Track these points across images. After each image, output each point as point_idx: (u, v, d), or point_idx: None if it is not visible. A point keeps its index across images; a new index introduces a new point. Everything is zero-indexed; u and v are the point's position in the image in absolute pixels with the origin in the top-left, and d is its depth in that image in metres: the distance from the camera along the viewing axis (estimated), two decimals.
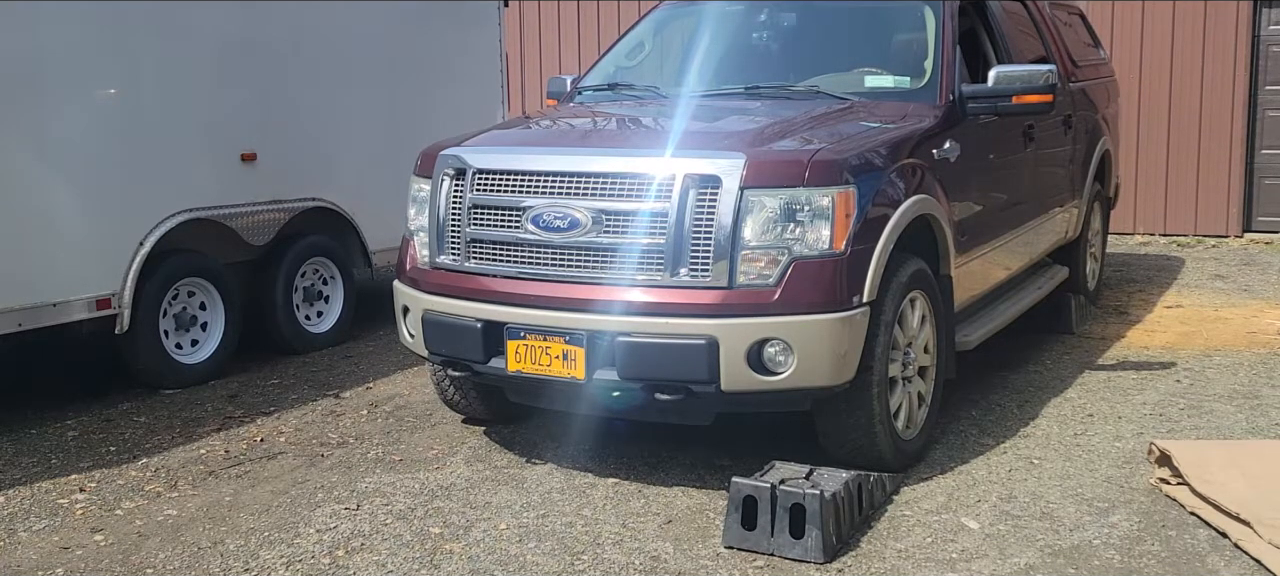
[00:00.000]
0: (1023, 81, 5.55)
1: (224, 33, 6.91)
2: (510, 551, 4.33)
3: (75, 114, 6.11)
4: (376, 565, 4.25)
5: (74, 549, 4.48)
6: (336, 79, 7.74)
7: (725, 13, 6.59)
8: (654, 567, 4.18)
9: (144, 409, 6.33)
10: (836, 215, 4.52)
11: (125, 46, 6.36)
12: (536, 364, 4.75)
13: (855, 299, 4.56)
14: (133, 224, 6.39)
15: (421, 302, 5.14)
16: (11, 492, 5.09)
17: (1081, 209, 7.77)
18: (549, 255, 4.80)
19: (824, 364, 4.50)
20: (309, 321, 7.74)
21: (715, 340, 4.46)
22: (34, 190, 5.89)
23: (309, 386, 6.79)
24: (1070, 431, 5.56)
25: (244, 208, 7.07)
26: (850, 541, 4.33)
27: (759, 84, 5.92)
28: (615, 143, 5.44)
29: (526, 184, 4.88)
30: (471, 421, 5.89)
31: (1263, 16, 11.33)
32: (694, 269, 4.54)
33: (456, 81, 8.76)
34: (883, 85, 5.78)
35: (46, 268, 5.95)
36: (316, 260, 7.76)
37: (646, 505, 4.76)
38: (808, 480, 4.35)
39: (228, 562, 4.31)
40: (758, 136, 4.90)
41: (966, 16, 6.33)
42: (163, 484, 5.17)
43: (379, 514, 4.73)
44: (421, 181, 5.29)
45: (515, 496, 4.88)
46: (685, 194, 4.55)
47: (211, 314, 6.98)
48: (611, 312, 4.62)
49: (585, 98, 6.31)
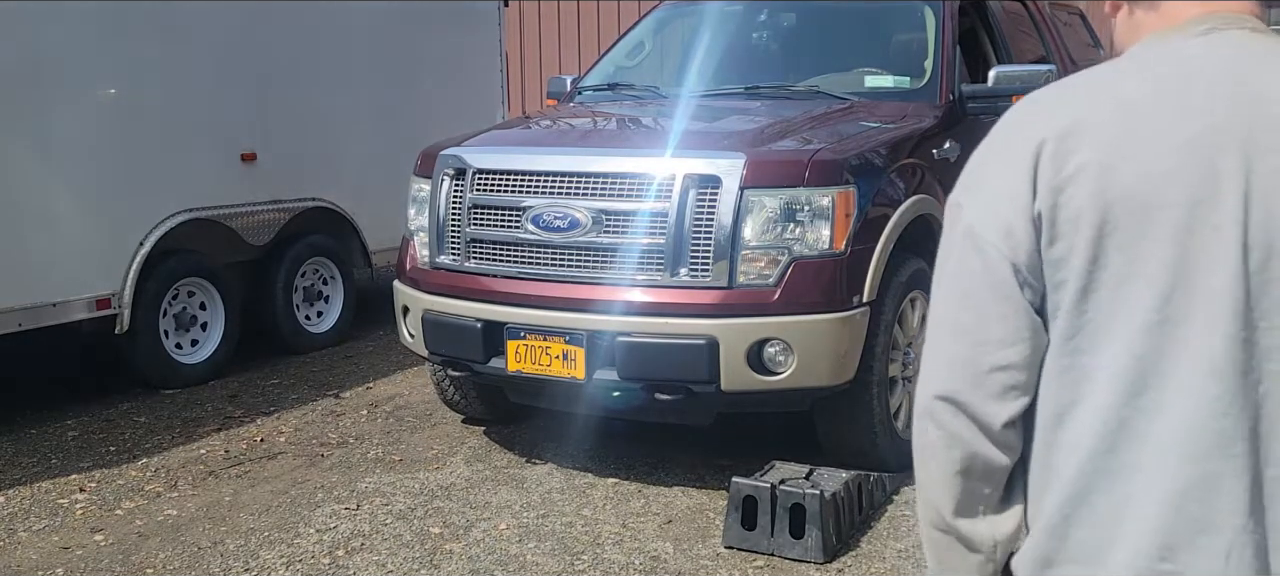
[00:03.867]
0: (1023, 81, 5.55)
1: (224, 33, 6.91)
2: (510, 551, 4.33)
3: (75, 114, 6.10)
4: (376, 565, 4.25)
5: (74, 549, 4.48)
6: (336, 79, 7.74)
7: (725, 13, 6.59)
8: (654, 567, 4.18)
9: (144, 409, 6.33)
10: (836, 215, 4.51)
11: (125, 46, 6.36)
12: (536, 364, 4.75)
13: (855, 299, 4.56)
14: (133, 224, 6.39)
15: (421, 302, 5.14)
16: (11, 492, 5.09)
17: None
18: (549, 255, 4.80)
19: (824, 364, 4.50)
20: (309, 321, 7.74)
21: (715, 340, 4.46)
22: (34, 190, 5.89)
23: (309, 386, 6.79)
24: None
25: (244, 208, 7.07)
26: (850, 541, 4.34)
27: (759, 84, 5.92)
28: (615, 143, 5.44)
29: (526, 184, 4.88)
30: (471, 421, 5.89)
31: None
32: (694, 269, 4.54)
33: (456, 81, 8.76)
34: (883, 85, 5.78)
35: (46, 268, 5.94)
36: (316, 260, 7.76)
37: (646, 505, 4.76)
38: (808, 480, 4.35)
39: (228, 562, 4.31)
40: (758, 136, 4.90)
41: (966, 16, 6.33)
42: (163, 484, 5.17)
43: (379, 514, 4.73)
44: (421, 181, 5.29)
45: (515, 496, 4.88)
46: (685, 194, 4.55)
47: (211, 314, 6.98)
48: (611, 312, 4.62)
49: (585, 98, 6.31)
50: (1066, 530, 1.36)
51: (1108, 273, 1.31)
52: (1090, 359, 1.33)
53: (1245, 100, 1.30)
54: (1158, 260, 1.29)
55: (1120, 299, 1.31)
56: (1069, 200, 1.32)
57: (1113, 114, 1.34)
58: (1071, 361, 1.34)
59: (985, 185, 1.41)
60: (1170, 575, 1.30)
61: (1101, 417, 1.32)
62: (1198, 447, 1.28)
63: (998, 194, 1.37)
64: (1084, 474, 1.34)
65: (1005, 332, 1.35)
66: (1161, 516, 1.29)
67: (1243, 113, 1.30)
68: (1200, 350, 1.28)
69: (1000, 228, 1.35)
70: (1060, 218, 1.32)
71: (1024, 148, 1.36)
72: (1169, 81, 1.35)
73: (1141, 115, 1.32)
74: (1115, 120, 1.33)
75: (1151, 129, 1.31)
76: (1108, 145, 1.31)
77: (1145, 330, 1.29)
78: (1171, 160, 1.29)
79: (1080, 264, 1.32)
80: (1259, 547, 1.27)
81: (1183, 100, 1.32)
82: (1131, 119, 1.32)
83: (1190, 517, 1.28)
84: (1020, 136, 1.38)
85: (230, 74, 6.98)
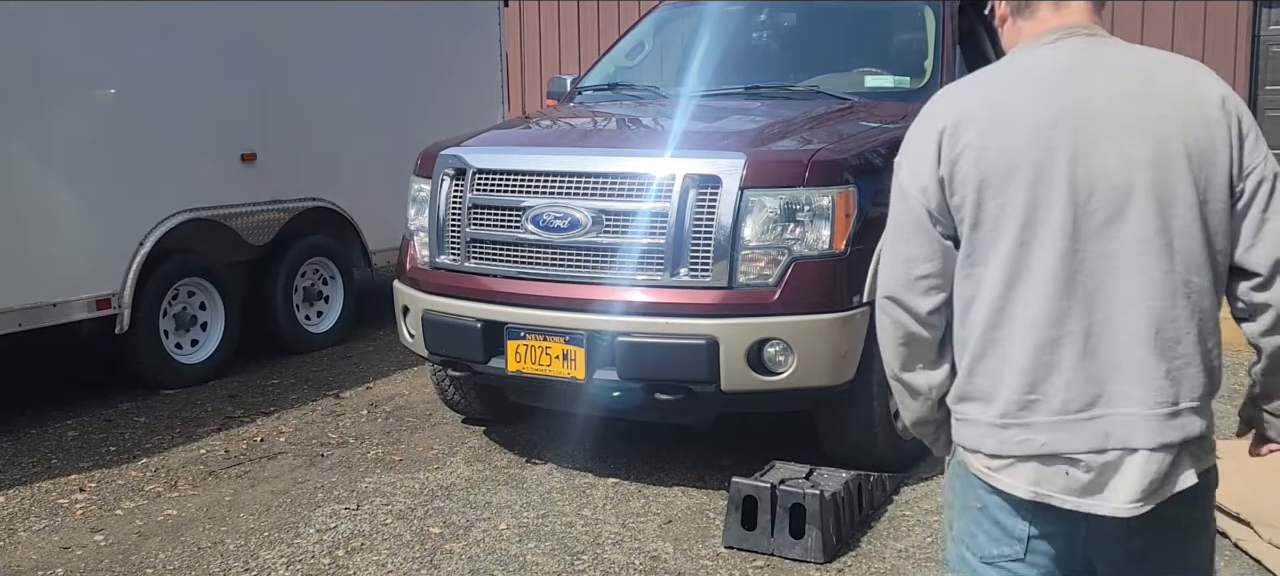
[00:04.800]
0: None
1: (224, 32, 6.91)
2: (510, 551, 4.33)
3: (75, 114, 6.11)
4: (376, 565, 4.25)
5: (74, 549, 4.48)
6: (336, 79, 7.74)
7: (725, 13, 6.59)
8: (654, 567, 4.18)
9: (144, 409, 6.33)
10: (836, 215, 4.51)
11: (125, 46, 6.36)
12: (536, 364, 4.75)
13: (855, 299, 4.56)
14: (133, 224, 6.39)
15: (421, 302, 5.14)
16: (11, 492, 5.09)
17: None
18: (549, 255, 4.80)
19: (824, 364, 4.50)
20: (309, 321, 7.74)
21: (715, 340, 4.46)
22: (34, 190, 5.89)
23: (309, 386, 6.79)
24: None
25: (244, 208, 7.07)
26: (850, 541, 4.34)
27: (759, 84, 5.92)
28: (615, 143, 5.44)
29: (526, 184, 4.88)
30: (471, 421, 5.89)
31: (1263, 16, 11.34)
32: (694, 269, 4.54)
33: (456, 81, 8.76)
34: (883, 85, 5.78)
35: (46, 268, 5.95)
36: (316, 260, 7.76)
37: (646, 505, 4.76)
38: (808, 480, 4.35)
39: (228, 562, 4.31)
40: (758, 136, 4.90)
41: (966, 16, 6.32)
42: (163, 484, 5.17)
43: (379, 514, 4.73)
44: (421, 181, 5.29)
45: (515, 496, 4.88)
46: (685, 194, 4.54)
47: (211, 314, 6.98)
48: (611, 312, 4.61)
49: (585, 98, 6.31)
50: (971, 378, 2.05)
51: (986, 213, 1.99)
52: (981, 269, 2.01)
53: (1071, 94, 1.99)
54: (1017, 204, 1.96)
55: (996, 231, 1.98)
56: (959, 169, 2.00)
57: (987, 108, 2.02)
58: (969, 271, 2.03)
59: (909, 154, 2.09)
60: (1033, 403, 1.98)
61: (990, 306, 2.01)
62: (1046, 321, 1.97)
63: (917, 161, 2.06)
64: (981, 342, 2.03)
65: (925, 253, 2.06)
66: (1027, 366, 1.98)
67: (1070, 103, 1.98)
68: (1044, 260, 1.96)
69: (919, 185, 2.05)
70: (956, 179, 2.01)
71: (932, 131, 2.04)
72: (1024, 83, 2.04)
73: (1006, 108, 2.01)
74: (988, 113, 2.01)
75: (1012, 117, 1.99)
76: (983, 131, 1.99)
77: (1011, 249, 1.97)
78: (1023, 140, 1.97)
79: (970, 209, 2.00)
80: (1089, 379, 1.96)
81: (1032, 96, 2.01)
82: (999, 112, 2.01)
83: (1044, 364, 1.97)
84: (930, 122, 2.06)
85: (230, 74, 6.98)
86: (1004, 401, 2.00)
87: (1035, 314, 1.97)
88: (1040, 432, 1.97)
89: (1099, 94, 1.99)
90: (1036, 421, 1.98)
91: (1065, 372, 1.96)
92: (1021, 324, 1.98)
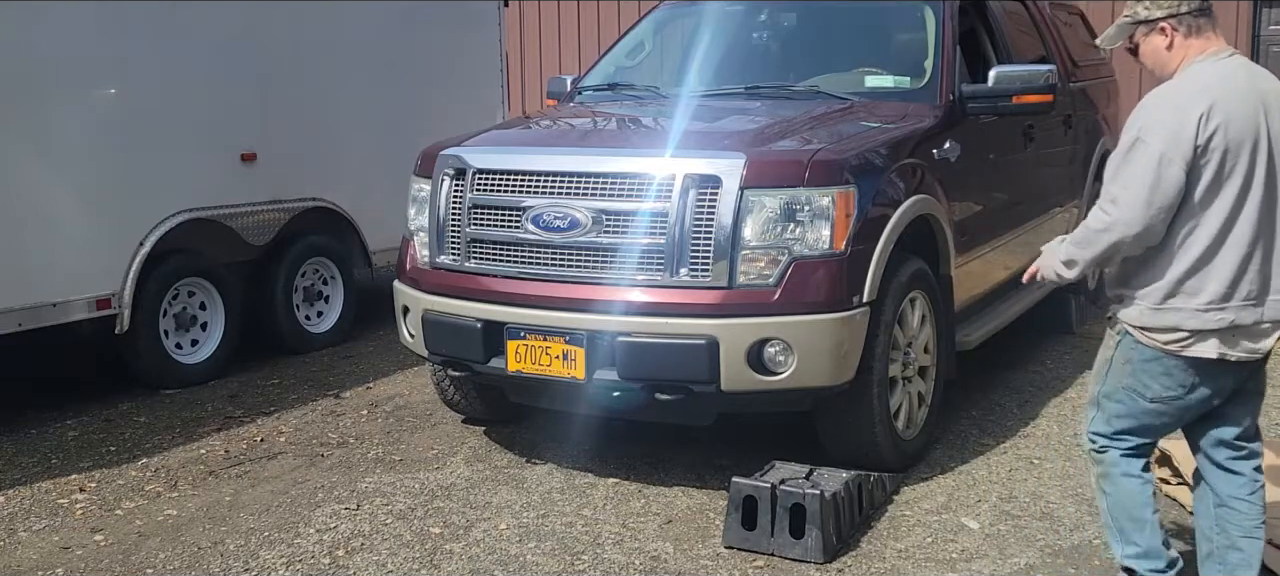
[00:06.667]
0: (1023, 81, 5.55)
1: (224, 33, 6.91)
2: (510, 551, 4.33)
3: (75, 114, 6.11)
4: (376, 565, 4.25)
5: (74, 549, 4.48)
6: (336, 79, 7.74)
7: (725, 13, 6.59)
8: (654, 567, 4.18)
9: (144, 409, 6.33)
10: (836, 215, 4.51)
11: (125, 46, 6.36)
12: (536, 364, 4.75)
13: (855, 299, 4.56)
14: (133, 224, 6.39)
15: (421, 302, 5.14)
16: (11, 492, 5.09)
17: (1082, 209, 7.76)
18: (549, 255, 4.80)
19: (824, 364, 4.50)
20: (309, 321, 7.74)
21: (715, 340, 4.46)
22: (34, 190, 5.89)
23: (309, 386, 6.79)
24: (1070, 431, 5.56)
25: (244, 207, 7.07)
26: (850, 541, 4.34)
27: (759, 84, 5.91)
28: (615, 143, 5.44)
29: (526, 184, 4.88)
30: (471, 421, 5.89)
31: (1263, 16, 11.33)
32: (694, 269, 4.54)
33: (456, 81, 8.76)
34: (883, 85, 5.78)
35: (46, 268, 5.95)
36: (316, 260, 7.76)
37: (646, 505, 4.76)
38: (808, 480, 4.35)
39: (228, 562, 4.31)
40: (758, 136, 4.90)
41: (966, 16, 6.32)
42: (163, 484, 5.17)
43: (379, 514, 4.73)
44: (421, 181, 5.29)
45: (515, 496, 4.88)
46: (685, 194, 4.54)
47: (211, 314, 6.98)
48: (611, 312, 4.61)
49: (585, 98, 6.31)
50: (1181, 283, 3.27)
51: (1224, 171, 3.22)
52: (1206, 210, 3.24)
53: (1259, 89, 3.30)
54: (1243, 164, 3.23)
55: (1225, 183, 3.23)
56: (1214, 140, 3.20)
57: (1223, 99, 3.22)
58: (1200, 210, 3.24)
59: (1170, 130, 3.20)
60: (1230, 293, 3.25)
61: (1209, 233, 3.24)
62: (1247, 242, 3.25)
63: (1179, 133, 3.19)
64: (1198, 258, 3.25)
65: (1170, 200, 3.22)
66: (1229, 275, 3.24)
67: (1261, 96, 3.28)
68: (1253, 200, 3.25)
69: (1181, 152, 3.19)
70: (1210, 147, 3.20)
71: (1194, 112, 3.20)
72: (1234, 82, 3.28)
73: (1234, 99, 3.23)
74: (1224, 103, 3.21)
75: (1239, 106, 3.23)
76: (1226, 114, 3.21)
77: (1236, 194, 3.23)
78: (1248, 121, 3.23)
79: (1212, 168, 3.21)
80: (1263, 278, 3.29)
81: (1245, 89, 3.27)
82: (1231, 102, 3.22)
83: (1240, 270, 3.25)
84: (1192, 106, 3.21)
85: (230, 74, 6.98)
86: (1210, 294, 3.24)
87: (1240, 237, 3.23)
88: (1231, 312, 3.25)
89: (1269, 90, 3.31)
90: (1231, 305, 3.25)
91: (1251, 275, 3.26)
92: (1231, 245, 3.23)
